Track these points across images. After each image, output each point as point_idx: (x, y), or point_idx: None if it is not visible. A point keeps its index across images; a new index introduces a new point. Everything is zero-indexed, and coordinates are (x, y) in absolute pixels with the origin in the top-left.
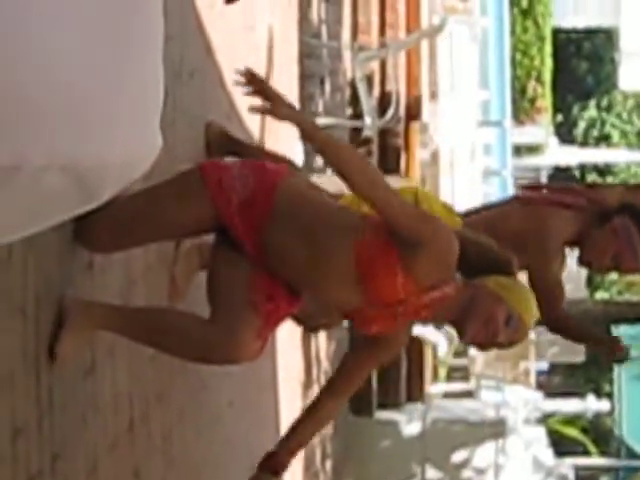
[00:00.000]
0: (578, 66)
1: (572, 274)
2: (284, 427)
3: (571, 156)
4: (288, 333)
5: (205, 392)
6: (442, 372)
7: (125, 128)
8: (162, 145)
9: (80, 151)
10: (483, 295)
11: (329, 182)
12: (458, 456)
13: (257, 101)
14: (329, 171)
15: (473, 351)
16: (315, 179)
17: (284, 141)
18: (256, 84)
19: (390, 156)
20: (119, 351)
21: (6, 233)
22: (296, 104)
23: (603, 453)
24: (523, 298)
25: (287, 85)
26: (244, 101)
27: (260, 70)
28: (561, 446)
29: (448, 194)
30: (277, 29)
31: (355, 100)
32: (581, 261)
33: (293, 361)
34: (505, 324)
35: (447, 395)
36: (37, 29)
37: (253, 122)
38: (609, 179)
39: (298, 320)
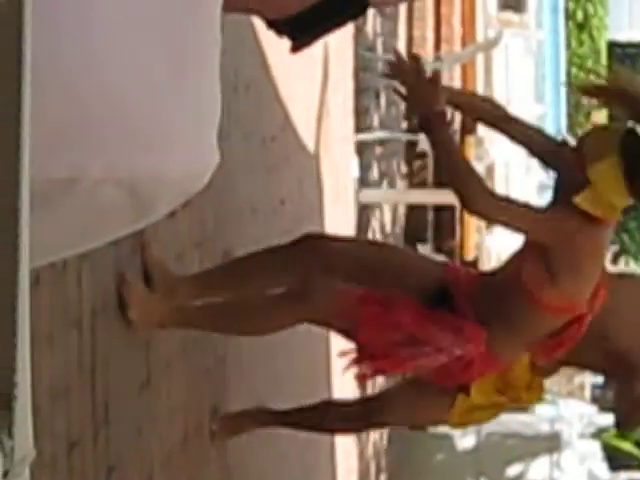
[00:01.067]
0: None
1: None
2: (339, 445)
3: None
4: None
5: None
6: None
7: (182, 143)
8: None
9: (137, 165)
10: None
11: (384, 196)
12: (513, 470)
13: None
14: (384, 185)
15: None
16: (369, 193)
17: (339, 155)
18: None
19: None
20: (175, 364)
21: (62, 249)
22: (351, 117)
23: None
24: None
25: (342, 98)
26: (298, 115)
27: (316, 84)
28: (616, 460)
29: None
30: (333, 43)
31: (411, 114)
32: None
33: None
34: None
35: None
36: (99, 45)
37: (307, 136)
38: None
39: None
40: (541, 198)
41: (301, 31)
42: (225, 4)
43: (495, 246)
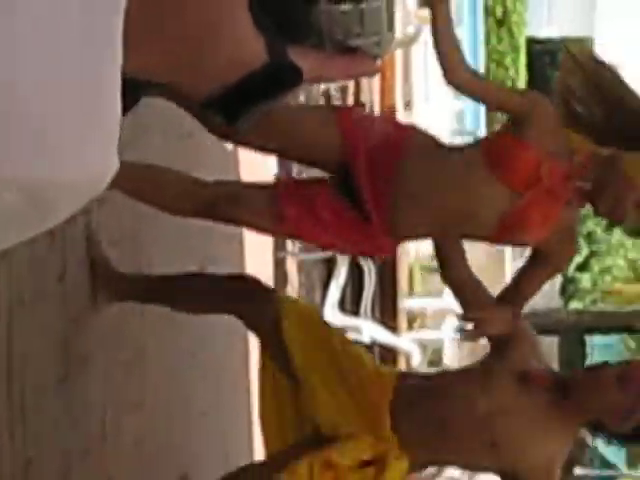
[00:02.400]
0: (552, 76)
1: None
2: (257, 435)
3: None
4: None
5: (179, 400)
6: None
7: (81, 146)
8: (118, 165)
9: (34, 169)
10: (619, 168)
11: None
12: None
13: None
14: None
15: (447, 360)
16: None
17: (259, 169)
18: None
19: None
20: (93, 359)
21: None
22: None
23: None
24: None
25: None
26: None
27: None
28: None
29: None
30: None
31: None
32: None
33: None
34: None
35: None
36: None
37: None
38: None
39: None
40: None
41: (236, 110)
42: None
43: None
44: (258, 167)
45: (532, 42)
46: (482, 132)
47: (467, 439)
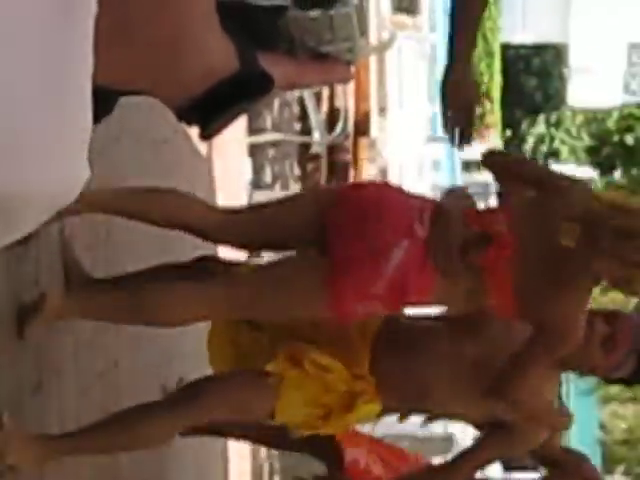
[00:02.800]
0: (527, 82)
1: None
2: (232, 448)
3: None
4: None
5: None
6: None
7: (50, 157)
8: (90, 174)
9: (2, 180)
10: None
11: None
12: None
13: None
14: (277, 187)
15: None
16: (261, 195)
17: (231, 158)
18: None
19: (338, 172)
20: (66, 369)
21: None
22: (244, 119)
23: None
24: None
25: None
26: None
27: None
28: (510, 459)
29: None
30: None
31: (304, 116)
32: None
33: None
34: None
35: None
36: None
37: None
38: None
39: None
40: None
41: (209, 117)
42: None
43: None
44: (232, 174)
45: (506, 48)
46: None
47: (452, 386)
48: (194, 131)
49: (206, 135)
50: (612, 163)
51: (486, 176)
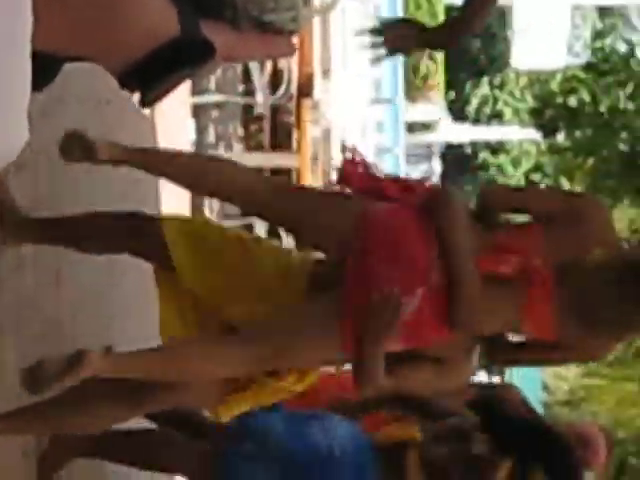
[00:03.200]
0: (471, 44)
1: None
2: None
3: (463, 133)
4: None
5: None
6: None
7: None
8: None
9: None
10: None
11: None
12: None
13: None
14: (221, 148)
15: None
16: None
17: (175, 119)
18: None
19: (281, 133)
20: (6, 328)
21: None
22: (187, 82)
23: None
24: None
25: None
26: None
27: None
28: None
29: None
30: None
31: (247, 77)
32: None
33: None
34: None
35: None
36: None
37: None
38: (501, 156)
39: None
40: (378, 161)
41: (150, 83)
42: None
43: None
44: (175, 134)
45: (450, 10)
46: (401, 101)
47: None
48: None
49: (146, 102)
50: (555, 125)
51: (429, 137)
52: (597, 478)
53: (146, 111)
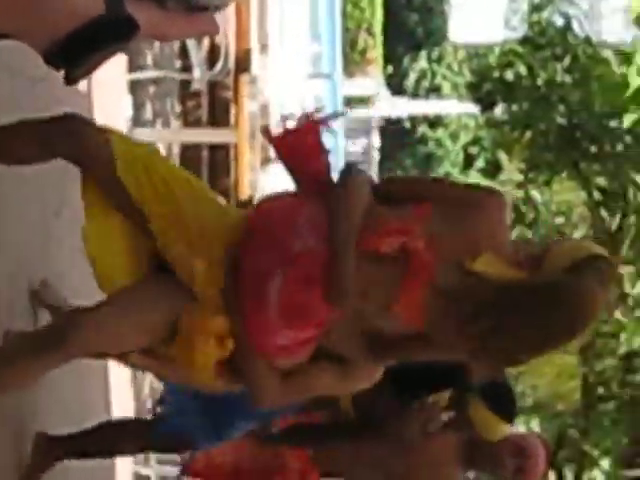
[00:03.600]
0: (408, 18)
1: None
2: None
3: (402, 108)
4: None
5: None
6: None
7: None
8: None
9: None
10: None
11: (158, 135)
12: None
13: None
14: (158, 124)
15: None
16: (142, 132)
17: (111, 95)
18: None
19: (219, 109)
20: None
21: None
22: (123, 57)
23: None
24: None
25: None
26: None
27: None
28: None
29: None
30: None
31: (184, 52)
32: None
33: None
34: None
35: None
36: None
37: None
38: (440, 130)
39: None
40: None
41: (75, 60)
42: None
43: (269, 185)
44: (112, 111)
45: None
46: (339, 76)
47: None
48: None
49: (71, 80)
50: (493, 99)
51: (368, 112)
52: None
53: (82, 88)
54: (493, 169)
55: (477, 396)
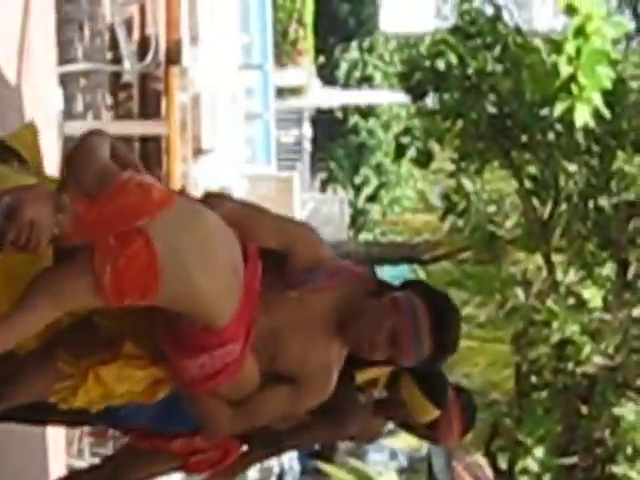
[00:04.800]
0: (340, 8)
1: (334, 215)
2: None
3: (333, 98)
4: None
5: None
6: None
7: None
8: None
9: None
10: None
11: (89, 127)
12: None
13: None
14: (89, 116)
15: None
16: (74, 125)
17: (42, 88)
18: None
19: (150, 100)
20: None
21: None
22: (54, 49)
23: None
24: None
25: (44, 30)
26: None
27: (17, 15)
28: None
29: (210, 138)
30: None
31: (114, 45)
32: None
33: None
34: None
35: None
36: None
37: (9, 68)
38: (371, 121)
39: None
40: (248, 127)
41: None
42: None
43: (201, 176)
44: (42, 104)
45: None
46: (270, 66)
47: None
48: (2, 62)
49: None
50: (424, 88)
51: (300, 102)
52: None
53: (12, 80)
54: (425, 158)
55: (411, 379)
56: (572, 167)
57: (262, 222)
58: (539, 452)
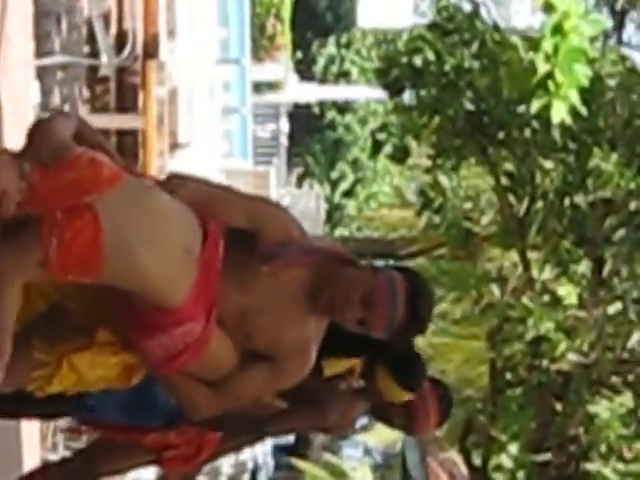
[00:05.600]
0: (317, 3)
1: (310, 210)
2: None
3: (311, 93)
4: None
5: None
6: None
7: None
8: None
9: None
10: None
11: None
12: None
13: None
14: (66, 109)
15: None
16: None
17: (19, 81)
18: None
19: (127, 94)
20: None
21: None
22: (31, 42)
23: None
24: None
25: (22, 23)
26: None
27: None
28: None
29: (187, 132)
30: None
31: (92, 38)
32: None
33: None
34: None
35: None
36: None
37: None
38: (348, 116)
39: None
40: (226, 121)
41: None
42: None
43: (178, 170)
44: (19, 97)
45: None
46: (247, 61)
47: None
48: None
49: None
50: (401, 85)
51: (277, 97)
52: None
53: None
54: (401, 154)
55: (385, 367)
56: (548, 164)
57: (228, 201)
58: (513, 449)
